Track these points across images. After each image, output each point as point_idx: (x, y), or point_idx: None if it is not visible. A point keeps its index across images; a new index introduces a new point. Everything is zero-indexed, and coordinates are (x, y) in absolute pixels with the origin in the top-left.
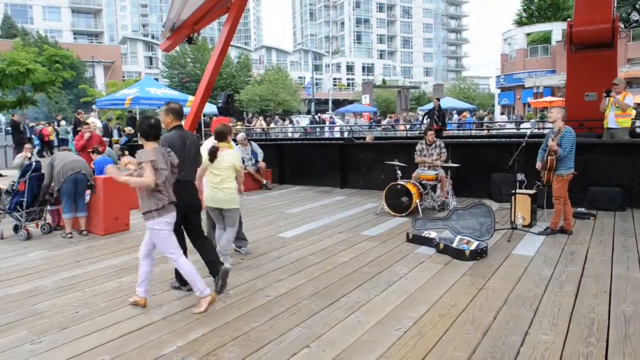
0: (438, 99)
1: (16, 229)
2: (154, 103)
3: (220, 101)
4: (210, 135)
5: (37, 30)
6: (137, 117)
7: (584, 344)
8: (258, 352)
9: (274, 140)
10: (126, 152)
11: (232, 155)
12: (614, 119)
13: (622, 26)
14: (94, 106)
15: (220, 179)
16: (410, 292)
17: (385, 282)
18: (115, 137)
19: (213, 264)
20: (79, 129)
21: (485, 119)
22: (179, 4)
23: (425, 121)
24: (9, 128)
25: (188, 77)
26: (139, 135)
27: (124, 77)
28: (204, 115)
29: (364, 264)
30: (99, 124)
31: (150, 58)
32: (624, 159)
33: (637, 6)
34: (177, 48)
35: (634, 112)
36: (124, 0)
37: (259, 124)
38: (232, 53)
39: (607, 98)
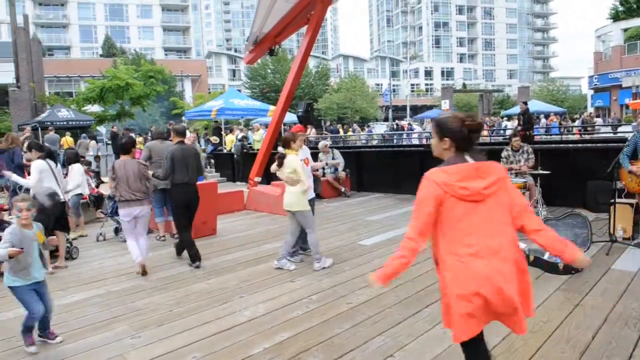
0: (525, 103)
1: (116, 231)
2: (237, 113)
3: (300, 110)
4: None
5: (135, 49)
6: (223, 127)
7: None
8: (341, 358)
9: (353, 148)
10: (212, 161)
11: (291, 160)
12: None
13: None
14: (183, 117)
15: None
16: None
17: None
18: (202, 146)
19: (190, 254)
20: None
21: (578, 122)
22: (261, 18)
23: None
24: (109, 139)
25: (268, 87)
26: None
27: (209, 89)
28: (284, 125)
29: None
30: (188, 134)
31: (234, 70)
32: None
33: None
34: (258, 60)
35: None
36: (209, 17)
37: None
38: (311, 63)
39: None
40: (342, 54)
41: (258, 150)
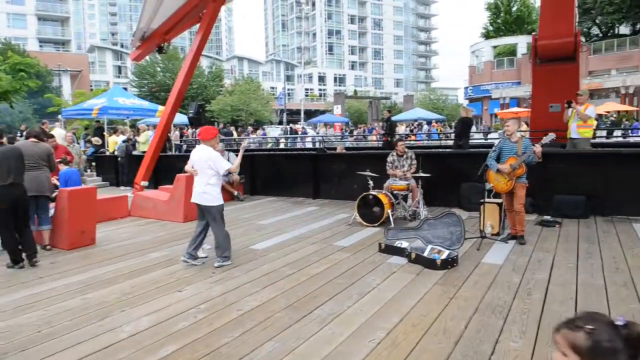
0: (389, 111)
1: None
2: (122, 113)
3: (191, 111)
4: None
5: (5, 38)
6: (105, 127)
7: (552, 350)
8: None
9: (246, 151)
10: (93, 164)
11: None
12: (575, 130)
13: (584, 40)
14: (59, 116)
15: None
16: (383, 302)
17: (358, 293)
18: (82, 148)
19: (26, 251)
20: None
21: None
22: (149, 13)
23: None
24: None
25: (158, 86)
26: None
27: (91, 86)
28: (174, 126)
29: (337, 275)
30: (64, 134)
31: (119, 67)
32: (587, 168)
33: (597, 21)
34: (147, 57)
35: (595, 122)
36: (93, 9)
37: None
38: (204, 63)
39: (569, 109)
40: (237, 55)
41: (144, 152)
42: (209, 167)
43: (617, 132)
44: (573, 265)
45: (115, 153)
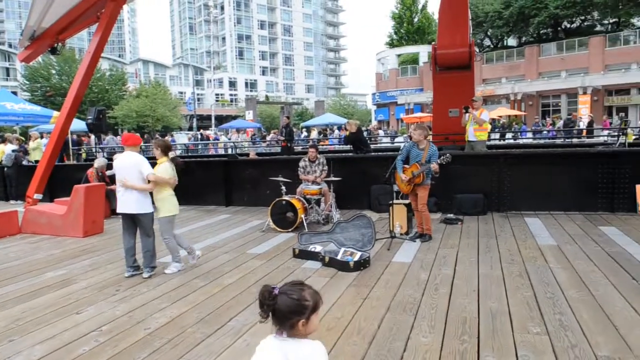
0: (288, 117)
1: None
2: (10, 119)
3: (89, 117)
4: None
5: None
6: None
7: (459, 342)
8: None
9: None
10: None
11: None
12: (473, 133)
13: (477, 50)
14: None
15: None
16: None
17: None
18: None
19: None
20: None
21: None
22: (39, 10)
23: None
24: None
25: (53, 90)
26: None
27: None
28: (72, 133)
29: (251, 284)
30: None
31: (7, 69)
32: (484, 168)
33: (489, 33)
34: (40, 59)
35: (489, 126)
36: None
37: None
38: (104, 65)
39: (466, 114)
40: (142, 58)
41: (37, 162)
42: (139, 172)
43: (509, 135)
44: (474, 260)
45: (3, 163)
